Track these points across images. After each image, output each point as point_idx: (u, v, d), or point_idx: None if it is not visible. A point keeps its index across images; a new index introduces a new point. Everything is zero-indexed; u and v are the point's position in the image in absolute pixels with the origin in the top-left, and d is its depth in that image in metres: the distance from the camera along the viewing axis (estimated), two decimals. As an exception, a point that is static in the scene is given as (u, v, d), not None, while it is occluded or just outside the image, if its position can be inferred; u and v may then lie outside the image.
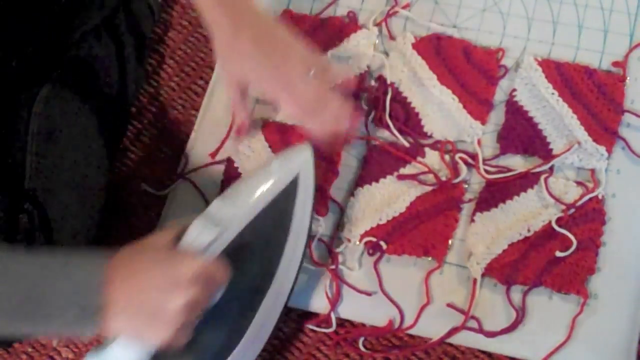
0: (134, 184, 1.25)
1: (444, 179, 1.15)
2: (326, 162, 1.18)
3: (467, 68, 1.21)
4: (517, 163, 1.16)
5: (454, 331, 1.09)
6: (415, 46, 1.23)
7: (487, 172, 1.15)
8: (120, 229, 1.24)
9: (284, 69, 1.06)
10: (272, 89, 1.09)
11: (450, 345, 1.11)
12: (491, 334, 1.08)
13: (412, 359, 1.11)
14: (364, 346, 1.12)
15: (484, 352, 1.10)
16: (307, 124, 1.10)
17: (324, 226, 1.16)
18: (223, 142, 1.23)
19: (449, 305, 1.10)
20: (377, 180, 1.17)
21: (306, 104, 1.07)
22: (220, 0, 1.06)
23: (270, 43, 1.07)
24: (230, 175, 1.21)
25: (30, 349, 1.19)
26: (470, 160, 1.16)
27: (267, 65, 1.06)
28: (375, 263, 1.13)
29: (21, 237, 1.03)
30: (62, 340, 1.19)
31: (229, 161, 1.22)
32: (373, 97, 1.21)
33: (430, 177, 1.15)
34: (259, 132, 1.22)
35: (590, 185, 1.12)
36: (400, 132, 1.19)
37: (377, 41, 1.25)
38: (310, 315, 1.15)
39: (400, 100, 1.21)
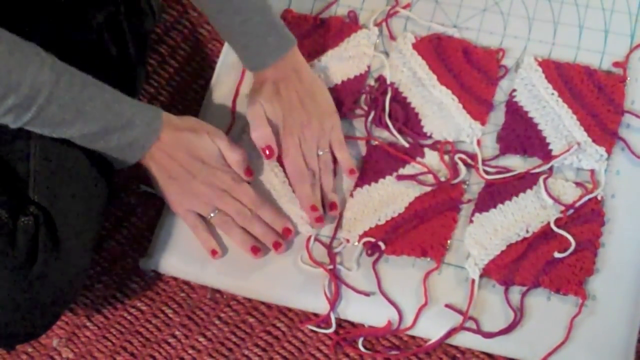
0: (134, 184, 1.26)
1: (443, 179, 1.15)
2: None
3: (467, 68, 1.21)
4: (517, 164, 1.15)
5: (452, 332, 1.09)
6: (415, 46, 1.23)
7: (486, 172, 1.15)
8: (120, 229, 1.24)
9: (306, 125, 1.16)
10: (286, 130, 1.17)
11: (450, 345, 1.11)
12: (489, 335, 1.08)
13: (412, 359, 1.12)
14: (364, 346, 1.12)
15: (484, 352, 1.10)
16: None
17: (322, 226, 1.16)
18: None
19: (447, 306, 1.09)
20: (376, 181, 1.17)
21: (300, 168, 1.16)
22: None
23: (308, 99, 1.17)
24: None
25: (30, 349, 1.19)
26: (469, 161, 1.16)
27: (296, 111, 1.16)
28: (374, 263, 1.13)
29: (25, 238, 1.03)
30: (63, 340, 1.19)
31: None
32: (373, 97, 1.20)
33: (429, 178, 1.15)
34: None
35: (590, 186, 1.12)
36: (400, 132, 1.19)
37: (377, 41, 1.25)
38: (309, 316, 1.15)
39: (400, 100, 1.21)
